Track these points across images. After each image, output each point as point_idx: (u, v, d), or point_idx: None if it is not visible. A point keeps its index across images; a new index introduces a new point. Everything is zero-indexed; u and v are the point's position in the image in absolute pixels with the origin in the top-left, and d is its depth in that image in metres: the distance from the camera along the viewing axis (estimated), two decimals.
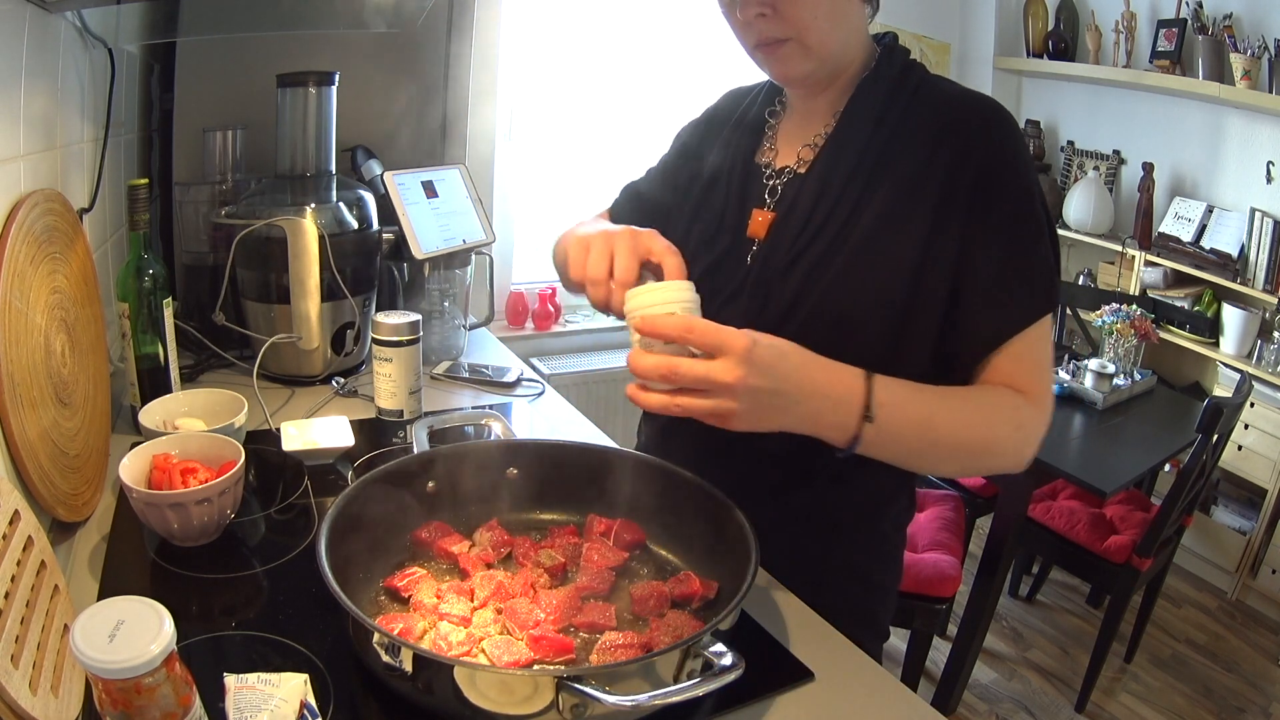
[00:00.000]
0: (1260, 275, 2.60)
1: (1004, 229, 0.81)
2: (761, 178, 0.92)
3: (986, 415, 0.81)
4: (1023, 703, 2.17)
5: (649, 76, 2.57)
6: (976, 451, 0.81)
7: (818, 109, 0.91)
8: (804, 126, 0.92)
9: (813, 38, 0.81)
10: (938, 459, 0.83)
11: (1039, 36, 3.19)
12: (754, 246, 0.90)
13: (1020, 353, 0.82)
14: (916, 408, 0.77)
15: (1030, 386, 0.82)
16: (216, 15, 1.43)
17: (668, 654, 0.63)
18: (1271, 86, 2.52)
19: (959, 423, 0.79)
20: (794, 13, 0.79)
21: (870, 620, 0.98)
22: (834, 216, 0.84)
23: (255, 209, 1.32)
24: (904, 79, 0.87)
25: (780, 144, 0.94)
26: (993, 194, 0.81)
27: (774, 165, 0.92)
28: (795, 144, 0.91)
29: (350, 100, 1.52)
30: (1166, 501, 1.98)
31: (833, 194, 0.85)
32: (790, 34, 0.81)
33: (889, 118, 0.85)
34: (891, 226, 0.82)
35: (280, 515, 1.00)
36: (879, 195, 0.83)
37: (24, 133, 0.90)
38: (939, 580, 1.79)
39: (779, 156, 0.93)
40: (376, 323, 1.21)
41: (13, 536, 0.65)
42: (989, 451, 0.81)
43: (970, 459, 0.83)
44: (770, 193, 0.91)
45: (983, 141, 0.81)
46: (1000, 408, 0.81)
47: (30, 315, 0.84)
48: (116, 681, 0.49)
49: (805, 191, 0.87)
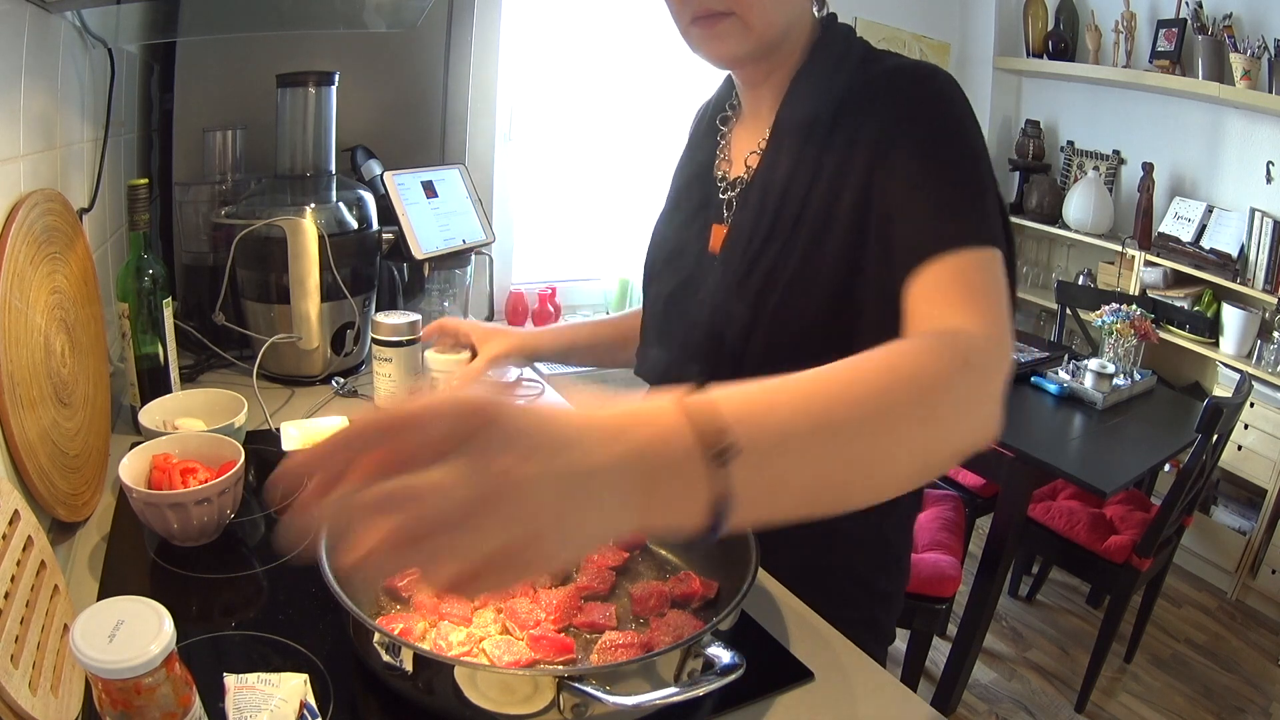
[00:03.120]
0: (1260, 275, 2.60)
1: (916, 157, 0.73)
2: (718, 192, 0.90)
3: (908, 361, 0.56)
4: (1023, 703, 2.17)
5: (649, 76, 2.57)
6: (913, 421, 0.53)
7: (762, 110, 0.87)
8: (752, 130, 0.89)
9: (754, 15, 0.76)
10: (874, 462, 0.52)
11: (1039, 36, 3.19)
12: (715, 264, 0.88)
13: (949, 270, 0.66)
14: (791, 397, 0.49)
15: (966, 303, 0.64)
16: (216, 15, 1.43)
17: (668, 654, 0.63)
18: (1271, 86, 2.52)
19: (871, 388, 0.52)
20: None
21: (874, 625, 0.96)
22: (780, 222, 0.81)
23: (255, 209, 1.32)
24: (840, 66, 0.82)
25: (733, 153, 0.91)
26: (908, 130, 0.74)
27: (728, 177, 0.90)
28: (744, 151, 0.89)
29: (350, 100, 1.52)
30: (1166, 501, 1.98)
31: (773, 200, 0.82)
32: (731, 8, 0.76)
33: (824, 110, 0.80)
34: (831, 221, 0.79)
35: (280, 515, 1.00)
36: (819, 193, 0.79)
37: (24, 133, 0.90)
38: (939, 580, 1.79)
39: (732, 167, 0.90)
40: (376, 323, 1.21)
41: (13, 536, 0.65)
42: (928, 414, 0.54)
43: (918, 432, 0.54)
44: (727, 206, 0.89)
45: (903, 101, 0.76)
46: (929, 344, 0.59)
47: (30, 315, 0.84)
48: (116, 681, 0.49)
49: (750, 201, 0.85)
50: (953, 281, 0.66)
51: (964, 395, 0.56)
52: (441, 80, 1.96)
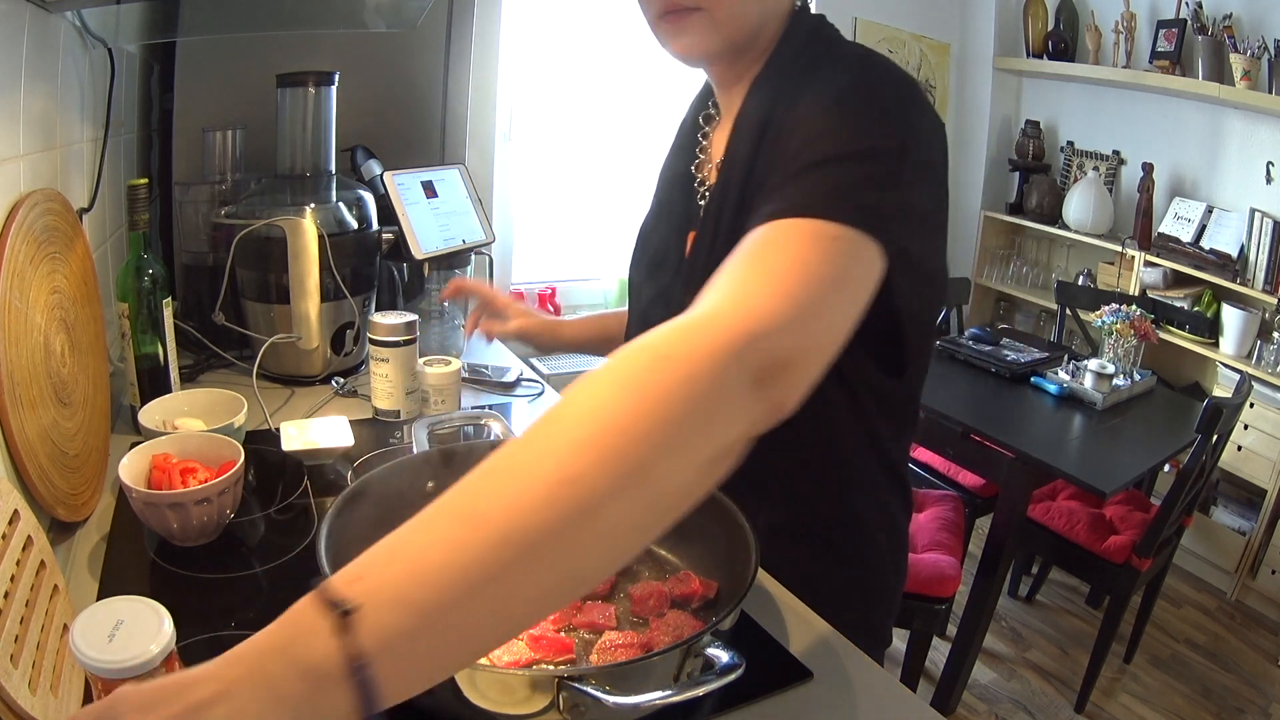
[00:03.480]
0: (1260, 275, 2.60)
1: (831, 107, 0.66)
2: (696, 198, 0.88)
3: (547, 423, 0.45)
4: (1022, 703, 2.17)
5: (649, 76, 2.57)
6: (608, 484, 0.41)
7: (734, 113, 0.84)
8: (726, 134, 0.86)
9: (722, 10, 0.73)
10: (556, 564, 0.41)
11: (1039, 37, 3.19)
12: None
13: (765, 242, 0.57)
14: (417, 538, 0.42)
15: (746, 282, 0.53)
16: (216, 15, 1.43)
17: (668, 654, 0.63)
18: (1271, 87, 2.52)
19: (509, 493, 0.42)
20: None
21: (872, 628, 0.95)
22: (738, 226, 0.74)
23: (255, 209, 1.32)
24: (800, 58, 0.78)
25: (711, 157, 0.88)
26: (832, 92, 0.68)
27: (707, 181, 0.88)
28: (719, 155, 0.86)
29: (350, 100, 1.51)
30: (1166, 502, 1.98)
31: (731, 201, 0.78)
32: (699, 3, 0.73)
33: (780, 104, 0.75)
34: None
35: (280, 515, 1.00)
36: None
37: (24, 133, 0.90)
38: (939, 580, 1.79)
39: (711, 172, 0.87)
40: (373, 323, 1.21)
41: (12, 536, 0.65)
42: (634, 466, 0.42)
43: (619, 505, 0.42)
44: (704, 210, 0.86)
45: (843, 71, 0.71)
46: (580, 386, 0.46)
47: (30, 315, 0.84)
48: (116, 681, 0.49)
49: (712, 205, 0.82)
50: (763, 246, 0.56)
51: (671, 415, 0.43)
52: (441, 80, 1.96)
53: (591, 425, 0.43)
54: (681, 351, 0.46)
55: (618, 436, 0.42)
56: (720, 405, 0.46)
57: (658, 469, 0.43)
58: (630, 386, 0.44)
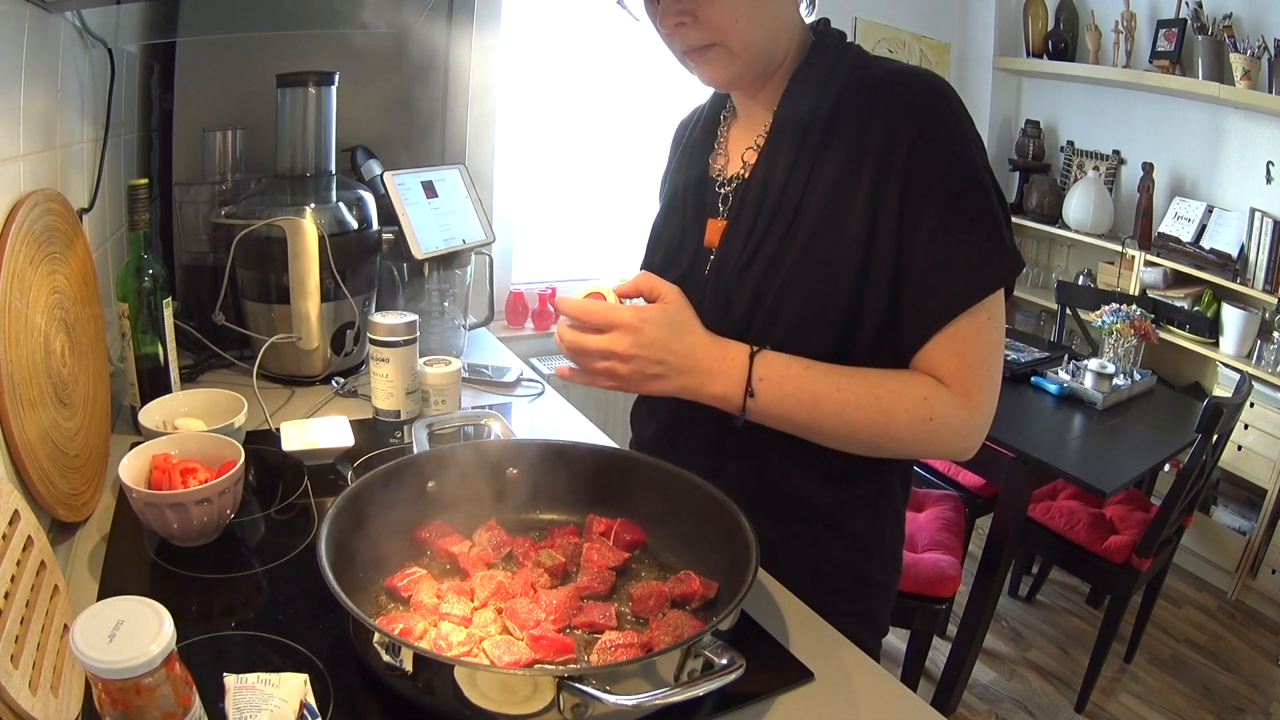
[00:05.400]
0: (1260, 275, 2.60)
1: (939, 205, 0.79)
2: (714, 187, 0.94)
3: (886, 401, 0.80)
4: (1023, 703, 2.17)
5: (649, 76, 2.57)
6: (871, 435, 0.82)
7: (758, 110, 0.91)
8: (748, 130, 0.93)
9: (735, 41, 0.81)
10: (832, 436, 0.83)
11: (1039, 36, 3.19)
12: (711, 256, 0.92)
13: (950, 343, 0.81)
14: (803, 385, 0.81)
15: (956, 378, 0.81)
16: (216, 15, 1.43)
17: (668, 654, 0.63)
18: (1271, 86, 2.52)
19: (851, 405, 0.80)
20: (713, 18, 0.80)
21: (869, 618, 0.98)
22: (779, 217, 0.85)
23: (255, 209, 1.32)
24: (836, 66, 0.86)
25: (730, 150, 0.95)
26: (928, 167, 0.79)
27: (725, 173, 0.94)
28: (741, 148, 0.92)
29: (350, 100, 1.52)
30: (1166, 501, 1.98)
31: (774, 195, 0.86)
32: (713, 39, 0.81)
33: (822, 109, 0.84)
34: (834, 218, 0.82)
35: (280, 515, 1.00)
36: (819, 189, 0.83)
37: (24, 133, 0.90)
38: (939, 580, 1.79)
39: (729, 164, 0.94)
40: (373, 323, 1.21)
41: (12, 536, 0.65)
42: (887, 436, 0.81)
43: (867, 440, 0.83)
44: (723, 201, 0.92)
45: (913, 114, 0.80)
46: (907, 396, 0.81)
47: (30, 315, 0.84)
48: (116, 681, 0.49)
49: (750, 196, 0.88)
50: (949, 348, 0.82)
51: (914, 439, 0.82)
52: (441, 80, 1.96)
53: (887, 410, 0.81)
54: (940, 423, 0.82)
55: (871, 426, 0.82)
56: (927, 450, 0.85)
57: (885, 439, 0.83)
58: (914, 413, 0.81)
